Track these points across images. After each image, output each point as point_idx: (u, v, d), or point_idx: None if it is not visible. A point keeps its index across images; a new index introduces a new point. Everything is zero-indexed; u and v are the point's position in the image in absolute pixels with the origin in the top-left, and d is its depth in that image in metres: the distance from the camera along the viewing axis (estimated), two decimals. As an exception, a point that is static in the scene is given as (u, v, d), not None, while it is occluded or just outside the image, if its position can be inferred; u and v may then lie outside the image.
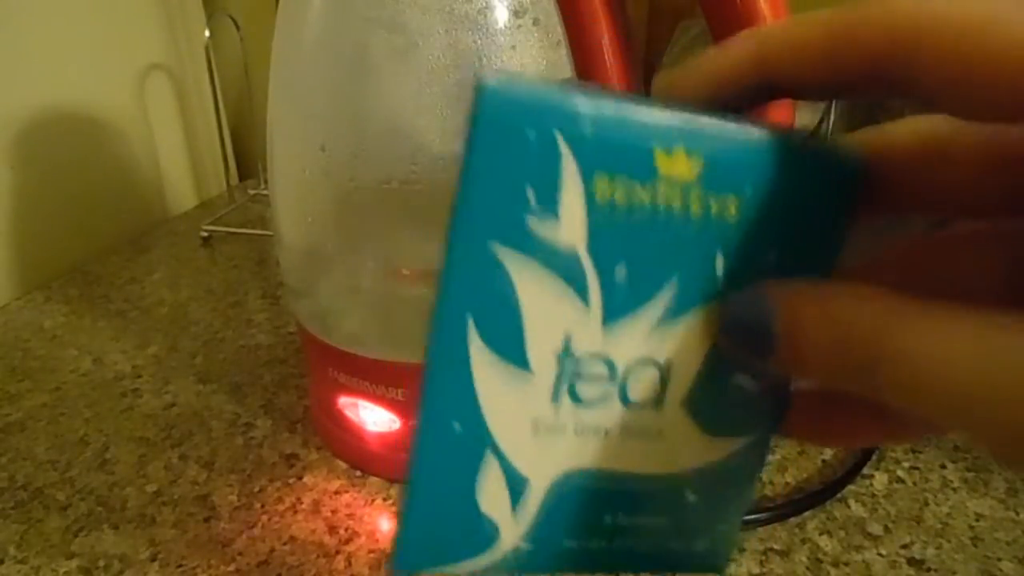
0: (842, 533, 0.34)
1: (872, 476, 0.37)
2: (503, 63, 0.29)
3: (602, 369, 0.15)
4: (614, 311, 0.15)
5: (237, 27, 0.68)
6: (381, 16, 0.29)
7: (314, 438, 0.41)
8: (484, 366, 0.14)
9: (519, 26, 0.29)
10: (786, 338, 0.14)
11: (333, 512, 0.36)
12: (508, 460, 0.15)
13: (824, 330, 0.13)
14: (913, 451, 0.39)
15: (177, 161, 0.74)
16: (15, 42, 0.56)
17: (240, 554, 0.34)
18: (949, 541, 0.34)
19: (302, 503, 0.36)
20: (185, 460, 0.40)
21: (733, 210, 0.14)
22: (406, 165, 0.30)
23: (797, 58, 0.14)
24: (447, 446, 0.15)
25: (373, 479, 0.38)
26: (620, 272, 0.14)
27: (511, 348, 0.14)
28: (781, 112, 0.27)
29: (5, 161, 0.57)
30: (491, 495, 0.15)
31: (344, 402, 0.37)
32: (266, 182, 0.41)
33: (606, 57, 0.30)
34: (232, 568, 0.33)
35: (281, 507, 0.36)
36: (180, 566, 0.33)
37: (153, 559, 0.34)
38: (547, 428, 0.15)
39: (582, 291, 0.14)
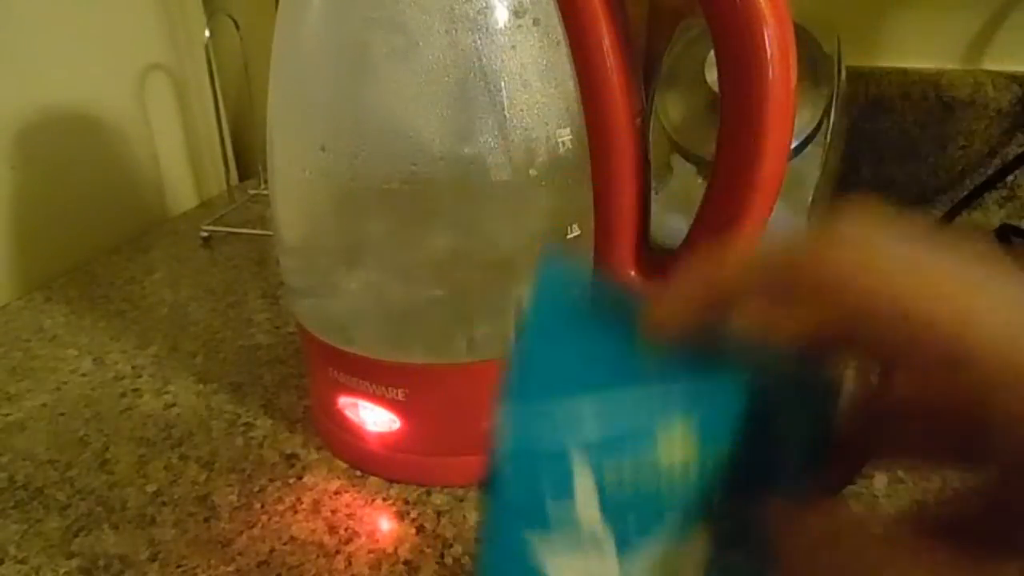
0: (842, 533, 0.34)
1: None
2: (503, 63, 0.29)
3: None
4: (626, 548, 0.16)
5: (237, 27, 0.68)
6: (381, 16, 0.29)
7: (314, 438, 0.41)
8: None
9: (519, 26, 0.29)
10: None
11: (333, 512, 0.36)
12: None
13: None
14: (913, 451, 0.39)
15: (177, 161, 0.74)
16: (15, 42, 0.56)
17: (240, 554, 0.34)
18: (949, 541, 0.33)
19: (302, 503, 0.36)
20: (185, 460, 0.40)
21: (727, 450, 0.16)
22: (406, 165, 0.30)
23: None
24: None
25: (373, 479, 0.38)
26: (631, 530, 0.16)
27: None
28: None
29: (6, 161, 0.57)
30: None
31: (344, 402, 0.37)
32: (266, 182, 0.41)
33: (606, 57, 0.30)
34: (232, 568, 0.33)
35: (281, 507, 0.36)
36: (180, 566, 0.33)
37: (153, 559, 0.34)
38: None
39: (599, 554, 0.16)
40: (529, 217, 0.32)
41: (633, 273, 0.34)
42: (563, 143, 0.31)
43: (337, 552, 0.33)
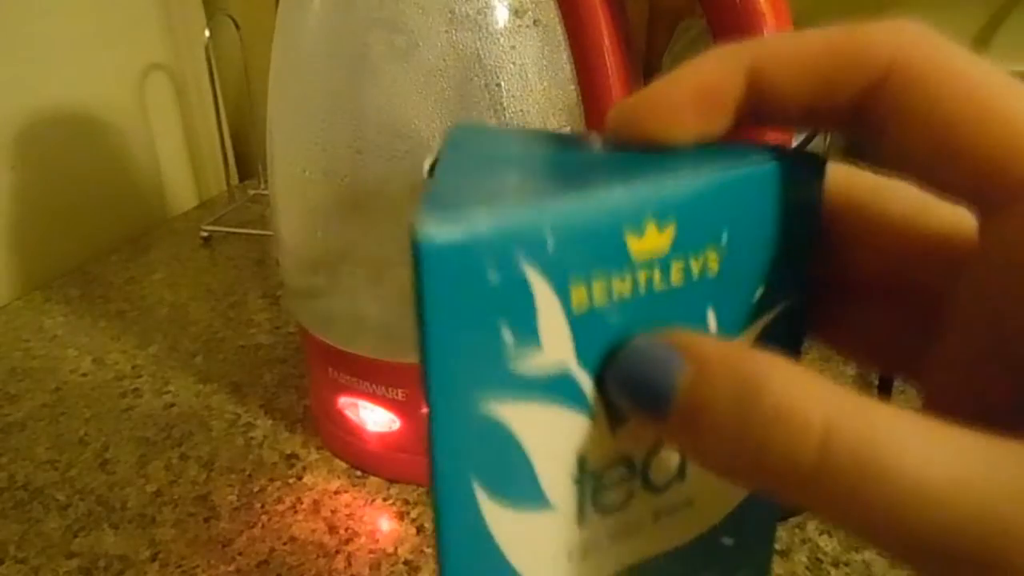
0: (842, 533, 0.34)
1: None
2: (503, 63, 0.29)
3: (622, 471, 0.14)
4: (619, 411, 0.13)
5: (237, 27, 0.68)
6: (381, 16, 0.29)
7: (314, 438, 0.41)
8: (502, 522, 0.13)
9: (519, 26, 0.29)
10: (687, 393, 0.12)
11: (333, 512, 0.36)
12: None
13: (735, 391, 0.11)
14: (913, 451, 0.39)
15: (177, 161, 0.74)
16: (15, 42, 0.57)
17: (240, 554, 0.34)
18: (949, 541, 0.34)
19: (302, 503, 0.36)
20: (185, 460, 0.40)
21: (714, 263, 0.13)
22: (406, 165, 0.30)
23: (790, 70, 0.13)
24: None
25: (373, 479, 0.38)
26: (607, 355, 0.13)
27: (525, 493, 0.13)
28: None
29: (5, 161, 0.57)
30: None
31: (344, 402, 0.37)
32: (266, 182, 0.41)
33: (606, 57, 0.30)
34: (232, 568, 0.33)
35: (281, 507, 0.36)
36: (180, 566, 0.33)
37: (153, 559, 0.34)
38: (582, 551, 0.14)
39: (582, 405, 0.13)
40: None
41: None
42: (563, 143, 0.31)
43: (337, 552, 0.33)
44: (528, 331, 0.12)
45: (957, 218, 0.13)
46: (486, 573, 0.13)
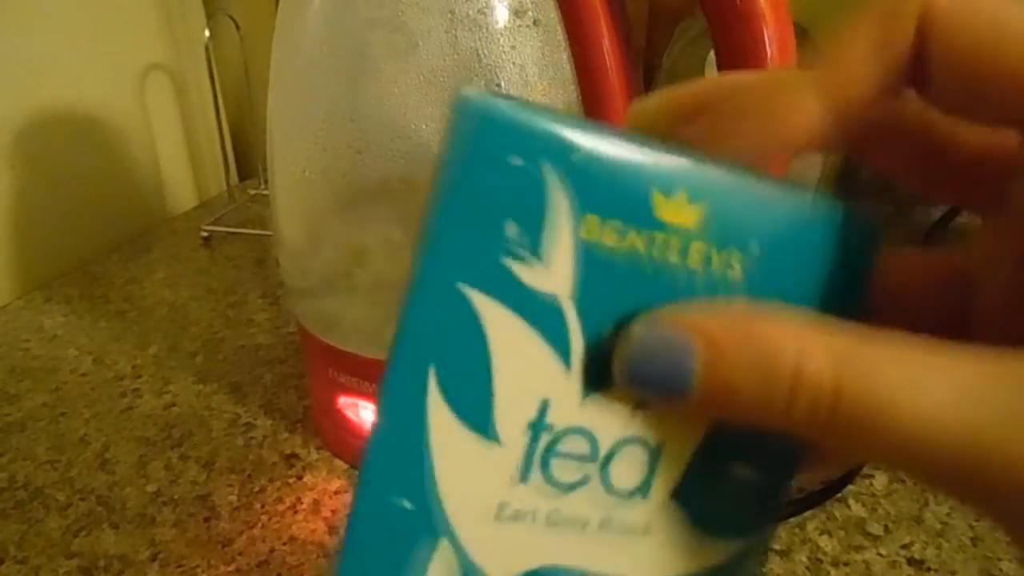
0: (842, 533, 0.34)
1: (872, 476, 0.37)
2: (503, 63, 0.29)
3: (582, 446, 0.13)
4: (599, 377, 0.13)
5: (237, 27, 0.68)
6: (381, 16, 0.29)
7: (314, 438, 0.41)
8: (444, 430, 0.12)
9: (519, 26, 0.29)
10: (706, 374, 0.12)
11: (333, 512, 0.36)
12: (464, 549, 0.13)
13: (754, 364, 0.12)
14: (913, 451, 0.39)
15: (177, 161, 0.74)
16: (15, 42, 0.56)
17: (240, 554, 0.34)
18: (949, 541, 0.33)
19: (302, 503, 0.36)
20: (185, 460, 0.40)
21: (736, 268, 0.13)
22: (406, 165, 0.30)
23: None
24: (390, 524, 0.12)
25: (373, 479, 0.38)
26: (607, 330, 0.12)
27: (477, 411, 0.12)
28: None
29: (5, 161, 0.57)
30: None
31: (344, 402, 0.37)
32: (266, 182, 0.41)
33: (606, 57, 0.30)
34: (232, 568, 0.33)
35: (281, 507, 0.36)
36: (180, 566, 0.33)
37: (153, 559, 0.34)
38: (513, 514, 0.13)
39: (563, 349, 0.12)
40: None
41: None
42: (563, 143, 0.31)
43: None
44: (533, 236, 0.12)
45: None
46: (410, 481, 0.12)
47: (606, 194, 0.12)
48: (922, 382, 0.11)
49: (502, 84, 0.29)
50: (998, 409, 0.10)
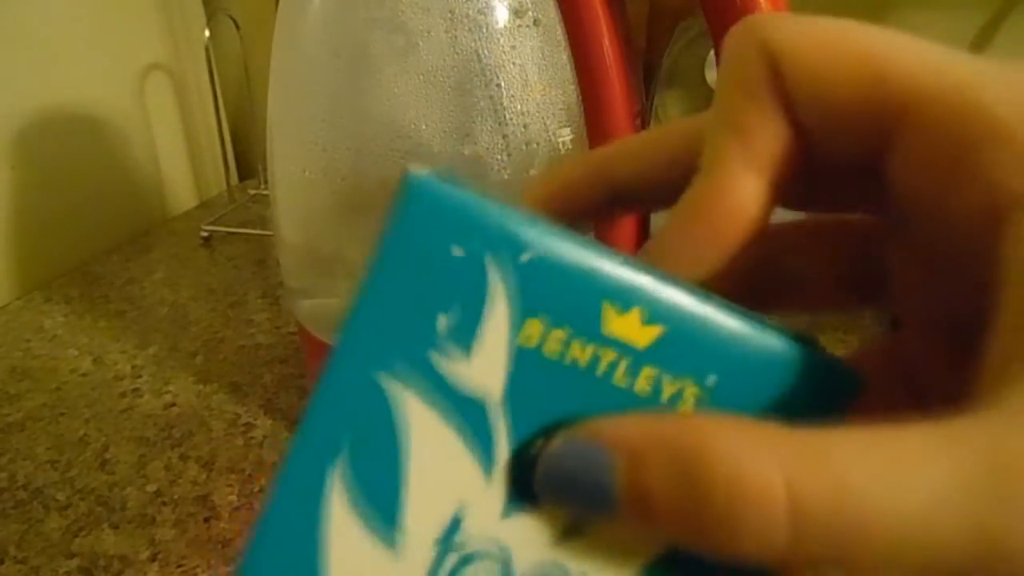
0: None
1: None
2: (503, 63, 0.29)
3: (495, 566, 0.11)
4: (524, 493, 0.11)
5: (237, 27, 0.68)
6: (381, 16, 0.29)
7: (314, 438, 0.41)
8: (340, 532, 0.11)
9: (519, 26, 0.29)
10: (627, 487, 0.10)
11: (333, 512, 0.36)
12: None
13: (677, 472, 0.10)
14: (913, 451, 0.39)
15: (177, 161, 0.74)
16: (15, 42, 0.57)
17: (240, 554, 0.34)
18: (949, 541, 0.34)
19: (302, 503, 0.36)
20: (185, 460, 0.40)
21: (689, 400, 0.11)
22: (406, 165, 0.30)
23: (634, 164, 0.14)
24: None
25: (373, 479, 0.38)
26: (538, 443, 0.11)
27: (380, 516, 0.11)
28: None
29: (5, 161, 0.57)
30: None
31: (344, 402, 0.37)
32: (266, 182, 0.41)
33: (606, 57, 0.30)
34: (232, 568, 0.33)
35: (281, 507, 0.36)
36: (180, 566, 0.33)
37: (153, 559, 0.34)
38: None
39: (486, 458, 0.11)
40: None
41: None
42: (563, 143, 0.31)
43: (337, 552, 0.33)
44: (466, 332, 0.11)
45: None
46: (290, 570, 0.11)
47: (553, 300, 0.11)
48: (896, 480, 0.09)
49: (502, 84, 0.29)
50: (983, 491, 0.09)
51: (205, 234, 0.66)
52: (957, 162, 0.11)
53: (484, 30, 0.29)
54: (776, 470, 0.10)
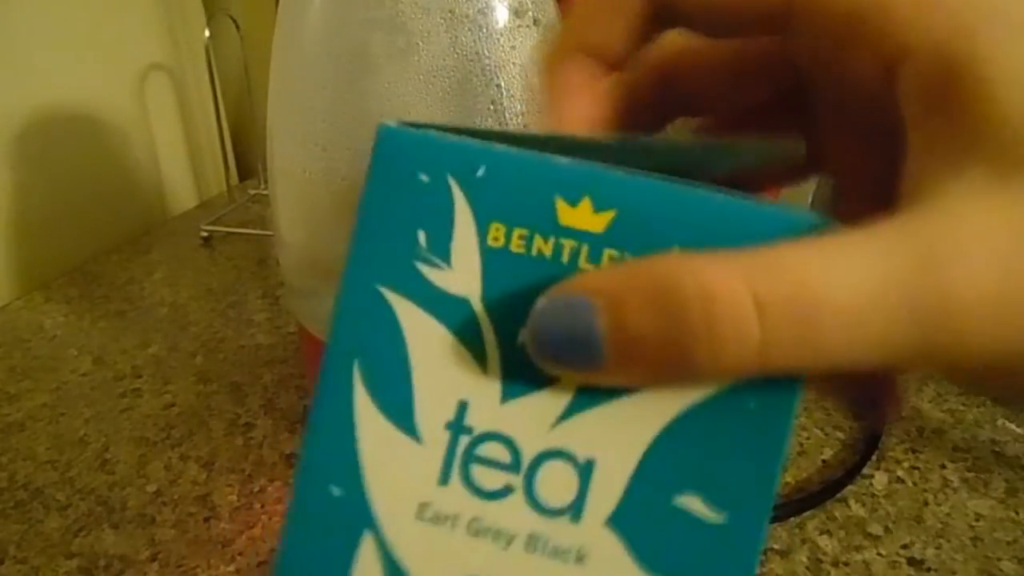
0: (842, 533, 0.34)
1: (872, 476, 0.37)
2: (503, 63, 0.29)
3: (502, 453, 0.13)
4: (517, 381, 0.12)
5: (237, 27, 0.68)
6: (381, 16, 0.29)
7: (314, 438, 0.41)
8: (369, 424, 0.13)
9: (519, 26, 0.29)
10: (612, 330, 0.11)
11: (333, 512, 0.36)
12: (388, 546, 0.13)
13: (658, 306, 0.11)
14: (913, 451, 0.39)
15: (177, 161, 0.74)
16: (15, 42, 0.57)
17: (240, 554, 0.34)
18: (949, 541, 0.34)
19: (302, 503, 0.36)
20: (185, 460, 0.40)
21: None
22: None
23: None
24: (323, 514, 0.13)
25: (373, 479, 0.38)
26: (521, 334, 0.12)
27: (398, 408, 0.13)
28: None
29: (5, 161, 0.57)
30: None
31: (344, 402, 0.37)
32: (266, 182, 0.41)
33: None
34: (232, 568, 0.33)
35: (281, 507, 0.36)
36: (180, 566, 0.33)
37: (153, 559, 0.34)
38: (434, 516, 0.13)
39: (478, 352, 0.13)
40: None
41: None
42: (563, 143, 0.31)
43: (337, 552, 0.33)
44: (442, 243, 0.13)
45: None
46: (341, 471, 0.13)
47: (510, 204, 0.12)
48: (841, 281, 0.11)
49: (502, 84, 0.29)
50: (916, 289, 0.11)
51: (205, 234, 0.66)
52: (850, 34, 0.13)
53: (484, 30, 0.29)
54: (743, 284, 0.11)
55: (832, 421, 0.41)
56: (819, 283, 0.11)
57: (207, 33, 0.66)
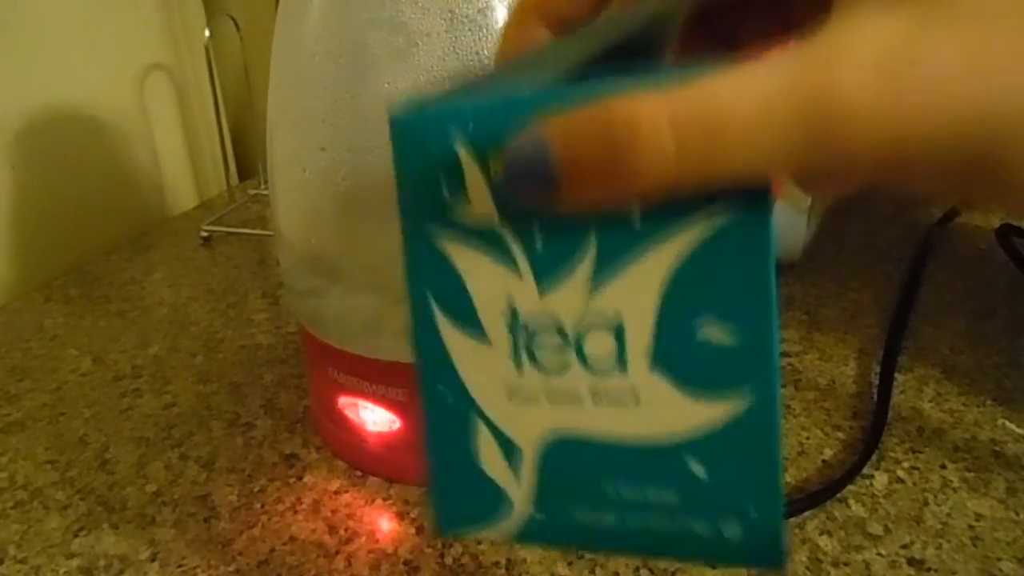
0: (842, 533, 0.34)
1: (872, 476, 0.37)
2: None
3: (553, 332, 0.16)
4: (546, 274, 0.16)
5: (237, 27, 0.68)
6: (381, 16, 0.29)
7: (314, 438, 0.41)
8: (453, 338, 0.17)
9: (519, 26, 0.29)
10: (563, 155, 0.14)
11: (333, 512, 0.36)
12: (496, 426, 0.17)
13: (596, 131, 0.14)
14: (913, 451, 0.39)
15: (177, 161, 0.74)
16: (15, 42, 0.57)
17: (240, 554, 0.34)
18: (949, 541, 0.34)
19: (302, 503, 0.36)
20: (185, 460, 0.40)
21: None
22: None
23: None
24: (444, 414, 0.17)
25: (373, 479, 0.38)
26: (538, 237, 0.16)
27: (468, 319, 0.16)
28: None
29: (5, 161, 0.57)
30: (490, 460, 0.17)
31: (344, 402, 0.37)
32: (266, 182, 0.41)
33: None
34: (232, 568, 0.33)
35: (281, 507, 0.36)
36: (180, 566, 0.33)
37: (153, 559, 0.34)
38: (520, 395, 0.17)
39: (509, 261, 0.16)
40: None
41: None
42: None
43: (337, 552, 0.33)
44: (459, 190, 0.16)
45: None
46: (445, 379, 0.17)
47: (496, 140, 0.15)
48: (740, 96, 0.13)
49: (502, 84, 0.29)
50: (801, 109, 0.13)
51: (205, 234, 0.66)
52: None
53: (484, 30, 0.29)
54: (662, 108, 0.13)
55: (832, 421, 0.41)
56: (723, 101, 0.13)
57: (207, 33, 0.66)
